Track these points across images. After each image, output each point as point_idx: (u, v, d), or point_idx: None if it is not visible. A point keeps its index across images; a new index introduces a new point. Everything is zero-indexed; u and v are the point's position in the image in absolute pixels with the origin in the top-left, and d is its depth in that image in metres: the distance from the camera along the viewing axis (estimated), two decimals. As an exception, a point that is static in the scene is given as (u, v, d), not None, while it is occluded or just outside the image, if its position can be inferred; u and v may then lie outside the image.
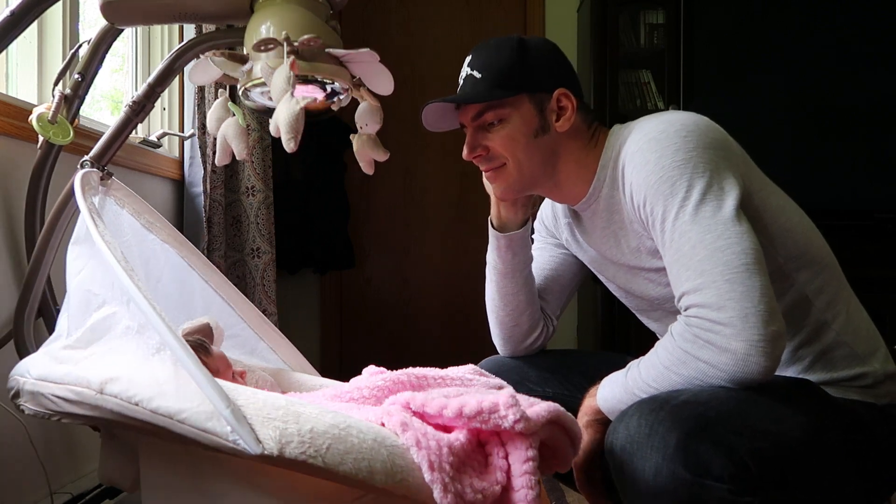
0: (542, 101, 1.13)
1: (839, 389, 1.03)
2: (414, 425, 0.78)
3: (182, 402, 0.75)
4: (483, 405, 0.78)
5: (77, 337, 0.94)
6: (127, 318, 0.90)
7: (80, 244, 1.00)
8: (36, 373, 0.90)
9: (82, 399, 0.83)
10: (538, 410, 0.81)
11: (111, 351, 0.89)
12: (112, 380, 0.80)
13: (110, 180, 1.18)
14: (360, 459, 0.72)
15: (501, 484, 0.77)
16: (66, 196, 1.22)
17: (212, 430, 0.72)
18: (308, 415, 0.74)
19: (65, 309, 1.01)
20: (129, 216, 1.18)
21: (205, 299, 1.27)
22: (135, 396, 0.78)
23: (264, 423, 0.71)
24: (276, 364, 1.32)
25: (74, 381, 0.84)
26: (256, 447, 0.70)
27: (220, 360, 1.12)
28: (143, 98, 1.21)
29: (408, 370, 1.04)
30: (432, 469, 0.73)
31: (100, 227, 0.91)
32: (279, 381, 1.24)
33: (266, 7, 1.02)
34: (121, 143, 1.22)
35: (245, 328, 1.30)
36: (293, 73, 0.94)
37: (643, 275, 1.14)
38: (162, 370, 0.80)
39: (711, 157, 0.98)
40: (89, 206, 0.95)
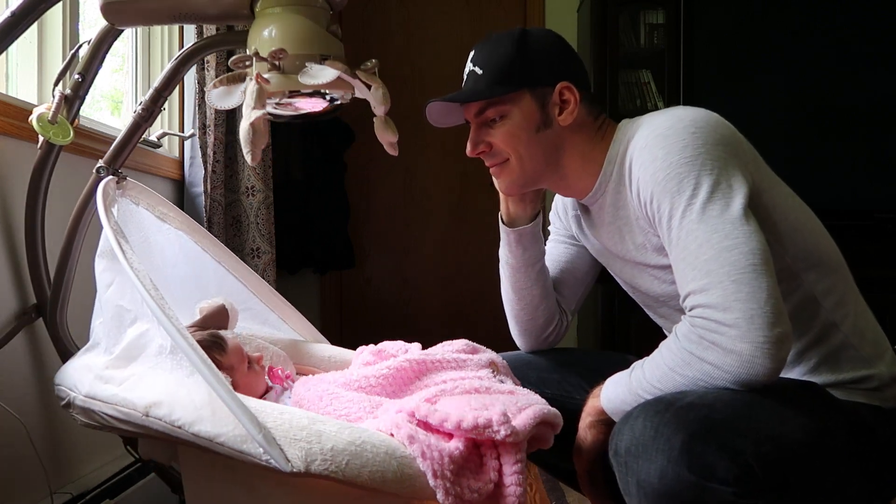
0: (544, 96, 1.12)
1: (845, 392, 1.02)
2: (419, 438, 0.88)
3: (219, 427, 0.85)
4: (479, 421, 0.89)
5: (116, 355, 1.03)
6: (159, 336, 0.98)
7: (105, 258, 1.07)
8: (84, 390, 1.01)
9: (130, 419, 0.94)
10: (525, 420, 0.92)
11: (150, 371, 0.98)
12: (156, 404, 0.91)
13: (125, 182, 1.22)
14: (374, 472, 0.83)
15: (494, 482, 0.89)
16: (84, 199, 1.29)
17: (247, 451, 0.83)
18: (329, 433, 0.84)
19: (97, 315, 1.11)
20: (144, 210, 1.26)
21: (218, 279, 1.37)
22: (177, 421, 0.88)
23: (291, 444, 0.82)
24: (289, 333, 1.45)
25: (121, 403, 0.95)
26: (286, 466, 0.80)
27: (234, 355, 1.17)
28: (150, 104, 1.25)
29: (408, 356, 1.17)
30: (436, 477, 0.84)
31: (126, 252, 0.98)
32: (291, 353, 1.38)
33: (268, 14, 1.02)
34: (132, 148, 1.28)
35: (257, 302, 1.42)
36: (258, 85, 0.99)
37: (648, 271, 1.13)
38: (198, 393, 0.89)
39: (720, 155, 0.97)
40: (113, 228, 1.02)
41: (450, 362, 1.16)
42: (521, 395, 1.04)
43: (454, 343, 1.23)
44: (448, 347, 1.21)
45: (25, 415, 1.34)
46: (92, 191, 1.25)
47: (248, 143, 1.02)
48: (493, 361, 1.18)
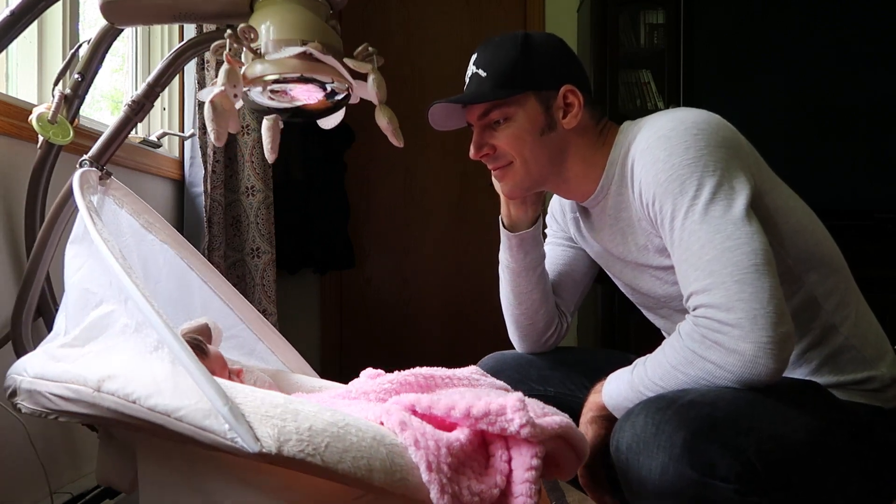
0: (549, 99, 1.12)
1: (846, 392, 1.02)
2: (413, 424, 0.77)
3: (180, 400, 0.74)
4: (491, 407, 0.78)
5: (74, 335, 0.93)
6: (125, 316, 0.90)
7: (78, 243, 1.00)
8: (33, 371, 0.90)
9: (80, 397, 0.82)
10: (549, 422, 0.80)
11: (109, 349, 0.89)
12: (109, 377, 0.80)
13: (109, 180, 1.18)
14: (358, 458, 0.71)
15: (500, 488, 0.77)
16: (65, 195, 1.22)
17: (209, 427, 0.72)
18: (307, 413, 0.73)
19: (62, 308, 1.01)
20: (127, 216, 1.18)
21: (203, 300, 1.27)
22: (132, 394, 0.78)
23: (262, 421, 0.71)
24: (276, 365, 1.32)
25: (72, 379, 0.83)
26: (254, 445, 0.69)
27: (216, 361, 1.12)
28: (142, 97, 1.21)
29: (415, 370, 1.03)
30: (430, 469, 0.73)
31: (98, 226, 0.91)
32: (278, 382, 1.24)
33: (266, 6, 1.02)
34: (120, 143, 1.22)
35: (244, 329, 1.30)
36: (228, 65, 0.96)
37: (650, 272, 1.13)
38: (160, 368, 0.79)
39: (722, 156, 0.97)
40: (88, 205, 0.95)
41: (461, 380, 1.03)
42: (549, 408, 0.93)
43: (464, 370, 1.08)
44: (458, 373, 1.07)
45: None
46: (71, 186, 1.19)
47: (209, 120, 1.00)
48: (506, 388, 1.07)
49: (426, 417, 0.81)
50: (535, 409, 0.82)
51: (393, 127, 1.06)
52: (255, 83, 1.02)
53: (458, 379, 1.02)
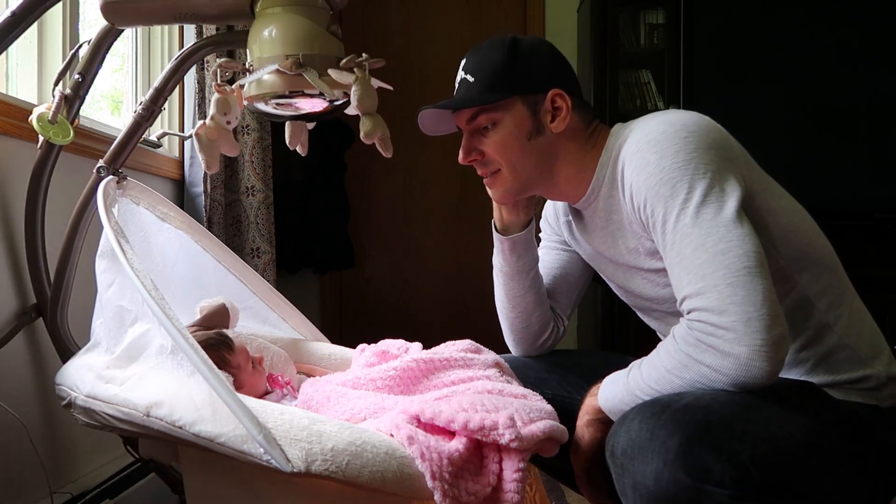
0: (536, 103, 1.11)
1: (842, 392, 1.02)
2: (419, 439, 0.88)
3: (220, 427, 0.85)
4: (485, 423, 0.89)
5: (117, 355, 1.04)
6: (160, 337, 0.99)
7: (106, 258, 1.07)
8: (85, 390, 1.01)
9: (131, 419, 0.94)
10: (533, 430, 0.92)
11: (151, 371, 0.98)
12: (156, 404, 0.91)
13: (125, 182, 1.23)
14: (374, 472, 0.84)
15: (492, 485, 0.89)
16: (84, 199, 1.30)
17: (248, 451, 0.84)
18: (329, 434, 0.84)
19: (98, 315, 1.11)
20: (144, 210, 1.26)
21: (218, 278, 1.38)
22: (178, 421, 0.88)
23: (292, 444, 0.82)
24: (287, 332, 1.46)
25: (122, 403, 0.95)
26: (287, 466, 0.81)
27: (240, 354, 1.19)
28: (150, 103, 1.25)
29: (413, 354, 1.18)
30: (434, 478, 0.85)
31: (127, 253, 0.98)
32: (292, 352, 1.38)
33: (268, 14, 1.02)
34: (133, 147, 1.28)
35: (257, 301, 1.43)
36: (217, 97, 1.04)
37: (641, 275, 1.13)
38: (198, 393, 0.89)
39: (713, 159, 0.97)
40: (114, 228, 1.02)
41: (457, 360, 1.16)
42: (533, 400, 1.05)
43: (458, 343, 1.23)
44: (452, 347, 1.22)
45: (25, 415, 1.34)
46: (92, 191, 1.25)
47: (198, 151, 1.11)
48: (498, 362, 1.19)
49: (429, 425, 0.92)
50: (522, 418, 0.93)
51: (382, 137, 1.05)
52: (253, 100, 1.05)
53: (453, 360, 1.16)
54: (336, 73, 1.01)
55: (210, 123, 1.12)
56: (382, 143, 1.05)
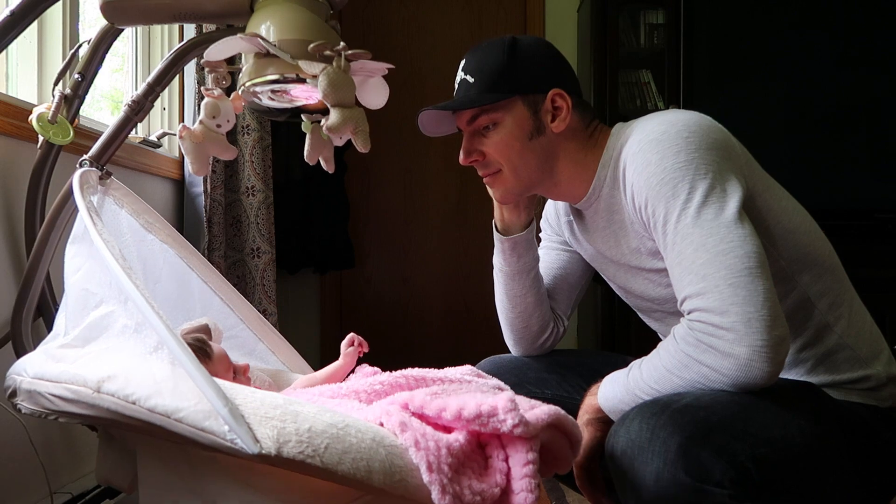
0: (536, 103, 1.12)
1: (842, 392, 1.02)
2: (413, 425, 0.77)
3: (179, 401, 0.74)
4: (482, 408, 0.77)
5: (74, 335, 0.93)
6: (124, 316, 0.90)
7: (78, 243, 0.99)
8: (32, 371, 0.90)
9: (79, 398, 0.83)
10: (538, 414, 0.80)
11: (108, 349, 0.89)
12: (109, 378, 0.80)
13: (109, 180, 1.18)
14: (358, 459, 0.71)
15: (501, 486, 0.77)
16: (64, 195, 1.22)
17: (209, 429, 0.72)
18: (306, 414, 0.74)
19: (62, 308, 1.01)
20: (127, 216, 1.19)
21: (203, 300, 1.27)
22: (132, 395, 0.78)
23: (262, 422, 0.71)
24: (276, 365, 1.32)
25: (71, 380, 0.84)
26: (254, 446, 0.69)
27: (220, 361, 1.11)
28: (142, 97, 1.21)
29: (406, 371, 1.03)
30: (431, 470, 0.73)
31: (98, 226, 0.91)
32: (277, 381, 1.24)
33: (266, 6, 1.02)
34: (120, 143, 1.22)
35: (244, 329, 1.31)
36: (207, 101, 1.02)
37: (643, 275, 1.13)
38: (159, 369, 0.79)
39: (714, 159, 0.97)
40: (87, 205, 0.94)
41: (452, 381, 1.02)
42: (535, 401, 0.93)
43: (459, 368, 1.11)
44: (452, 371, 1.09)
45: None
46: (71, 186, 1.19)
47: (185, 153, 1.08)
48: (500, 387, 1.07)
49: (421, 417, 0.81)
50: (523, 405, 0.82)
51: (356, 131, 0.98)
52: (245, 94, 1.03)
53: (449, 381, 1.02)
54: (304, 63, 0.96)
55: (197, 127, 1.11)
56: (356, 138, 0.99)
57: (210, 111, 1.10)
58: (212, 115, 1.09)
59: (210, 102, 1.09)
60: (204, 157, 1.13)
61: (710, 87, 2.63)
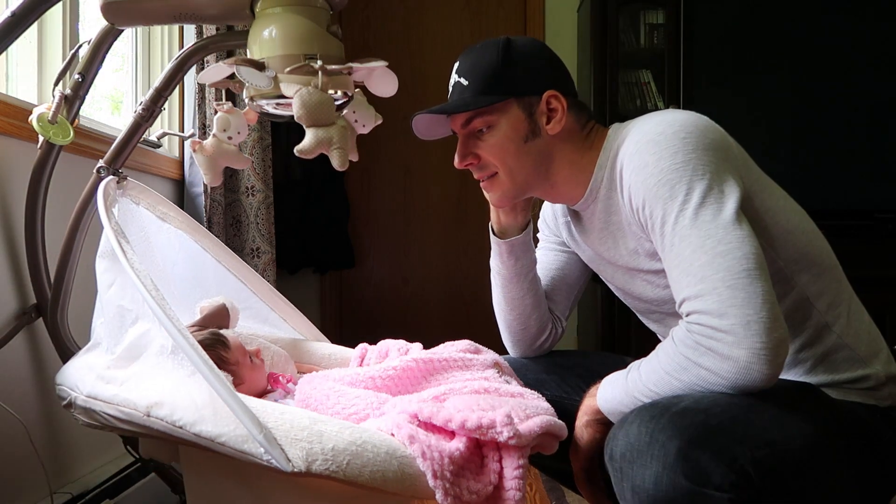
0: (531, 105, 1.11)
1: (841, 392, 1.02)
2: (420, 438, 0.88)
3: (220, 427, 0.85)
4: (483, 422, 0.89)
5: (118, 355, 1.04)
6: (160, 337, 0.98)
7: (106, 258, 1.07)
8: (86, 390, 1.00)
9: (131, 419, 0.93)
10: (531, 426, 0.92)
11: (151, 372, 0.98)
12: (157, 404, 0.91)
13: (125, 182, 1.23)
14: (375, 471, 0.84)
15: (494, 484, 0.89)
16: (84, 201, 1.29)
17: (248, 451, 0.83)
18: (329, 433, 0.84)
19: (98, 315, 1.11)
20: (144, 210, 1.26)
21: (218, 278, 1.38)
22: (178, 421, 0.88)
23: (292, 444, 0.82)
24: (288, 332, 1.46)
25: (123, 403, 0.95)
26: (287, 466, 0.81)
27: (237, 350, 1.19)
28: (150, 104, 1.25)
29: (414, 354, 1.19)
30: (435, 477, 0.85)
31: (127, 252, 0.98)
32: (292, 352, 1.39)
33: (268, 14, 1.02)
34: (133, 148, 1.28)
35: (257, 301, 1.43)
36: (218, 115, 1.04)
37: (641, 276, 1.13)
38: (199, 394, 0.89)
39: (711, 159, 0.97)
40: (114, 228, 1.02)
41: (456, 361, 1.17)
42: (529, 399, 1.05)
43: (457, 343, 1.23)
44: (452, 347, 1.22)
45: (25, 415, 1.34)
46: (92, 191, 1.26)
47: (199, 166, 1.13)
48: (497, 362, 1.19)
49: (428, 424, 0.93)
50: (518, 415, 0.94)
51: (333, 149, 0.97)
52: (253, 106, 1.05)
53: (453, 360, 1.17)
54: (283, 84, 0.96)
55: (209, 141, 1.14)
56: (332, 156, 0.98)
57: (221, 125, 1.13)
58: (223, 129, 1.12)
59: (221, 117, 1.12)
60: (216, 169, 1.17)
61: (710, 87, 2.63)
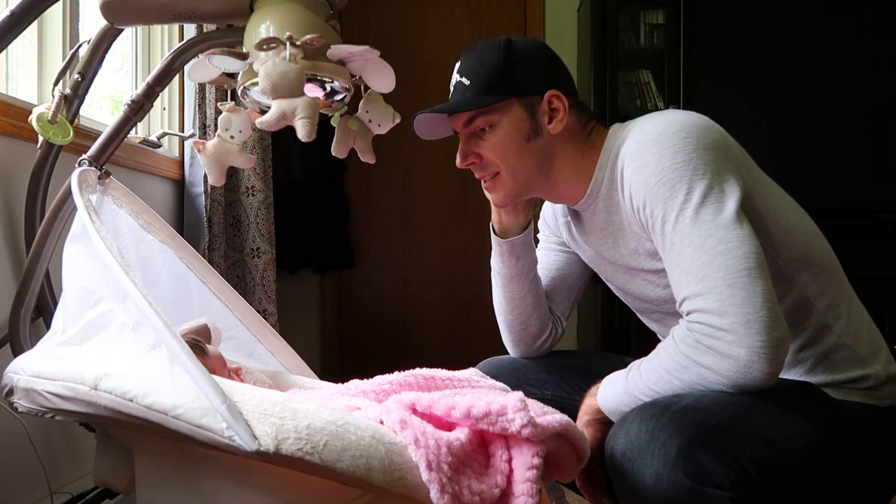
0: (533, 104, 1.11)
1: (841, 391, 1.02)
2: (413, 423, 0.77)
3: (177, 398, 0.74)
4: (492, 407, 0.77)
5: (72, 333, 0.93)
6: (122, 315, 0.90)
7: (76, 242, 0.99)
8: (30, 370, 0.90)
9: (76, 395, 0.82)
10: (550, 420, 0.79)
11: (106, 347, 0.88)
12: (106, 376, 0.80)
13: (108, 179, 1.18)
14: (357, 457, 0.71)
15: (501, 488, 0.76)
16: (63, 194, 1.22)
17: (207, 426, 0.72)
18: (305, 411, 0.73)
19: (61, 306, 1.00)
20: (126, 216, 1.19)
21: (202, 301, 1.26)
22: (129, 392, 0.77)
23: (261, 419, 0.70)
24: (275, 367, 1.32)
25: (68, 378, 0.83)
26: (252, 443, 0.69)
27: (215, 360, 1.11)
28: (141, 97, 1.21)
29: (414, 371, 1.02)
30: (430, 468, 0.72)
31: (96, 224, 0.91)
32: (277, 382, 1.24)
33: (266, 6, 1.02)
34: (119, 143, 1.22)
35: (243, 330, 1.30)
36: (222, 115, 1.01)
37: (641, 276, 1.13)
38: (157, 366, 0.79)
39: (712, 159, 0.97)
40: (86, 203, 0.95)
41: (461, 381, 1.03)
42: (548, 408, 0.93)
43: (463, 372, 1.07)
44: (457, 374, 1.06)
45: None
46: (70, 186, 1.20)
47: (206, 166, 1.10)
48: (506, 389, 1.05)
49: (426, 416, 0.81)
50: (534, 409, 0.81)
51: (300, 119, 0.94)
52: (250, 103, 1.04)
53: (458, 380, 1.01)
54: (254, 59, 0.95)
55: (212, 141, 1.13)
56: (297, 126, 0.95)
57: (223, 125, 1.12)
58: (225, 128, 1.11)
59: (223, 116, 1.12)
60: (220, 168, 1.14)
61: (710, 87, 2.63)
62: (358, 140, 1.15)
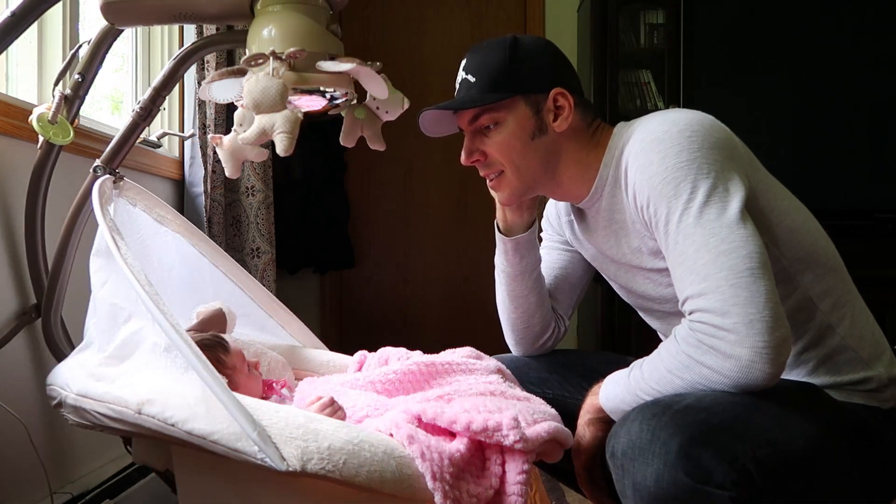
0: (538, 102, 1.11)
1: (843, 393, 1.02)
2: (419, 438, 0.86)
3: (214, 425, 0.83)
4: (489, 424, 0.88)
5: (109, 353, 1.02)
6: (153, 334, 0.97)
7: (101, 256, 1.06)
8: (76, 388, 0.98)
9: (122, 417, 0.91)
10: (538, 431, 0.91)
11: (143, 366, 0.96)
12: (148, 401, 0.89)
13: (122, 182, 1.22)
14: (372, 471, 0.81)
15: (494, 488, 0.87)
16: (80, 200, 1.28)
17: (241, 449, 0.81)
18: (325, 432, 0.82)
19: (91, 316, 1.08)
20: (141, 212, 1.25)
21: (215, 283, 1.35)
22: (171, 418, 0.86)
23: (287, 442, 0.80)
24: (286, 339, 1.43)
25: (113, 401, 0.92)
26: (282, 464, 0.79)
27: (236, 356, 1.17)
28: (149, 103, 1.25)
29: (415, 359, 1.16)
30: (434, 479, 0.83)
31: (122, 249, 0.97)
32: (290, 359, 1.36)
33: (267, 12, 1.02)
34: (130, 147, 1.27)
35: (255, 308, 1.40)
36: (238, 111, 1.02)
37: (644, 274, 1.13)
38: (191, 391, 0.87)
39: (716, 158, 0.97)
40: (109, 225, 1.00)
41: (459, 365, 1.14)
42: (536, 404, 1.04)
43: (459, 350, 1.21)
44: (454, 354, 1.20)
45: (25, 415, 1.34)
46: (88, 190, 1.25)
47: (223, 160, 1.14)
48: (500, 368, 1.18)
49: (430, 426, 0.91)
50: (526, 419, 0.92)
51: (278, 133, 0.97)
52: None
53: (456, 364, 1.14)
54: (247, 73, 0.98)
55: (230, 135, 1.16)
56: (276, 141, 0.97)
57: (239, 120, 1.14)
58: (240, 124, 1.14)
59: (238, 112, 1.15)
60: (235, 162, 1.18)
61: (710, 87, 2.63)
62: (366, 128, 1.17)
